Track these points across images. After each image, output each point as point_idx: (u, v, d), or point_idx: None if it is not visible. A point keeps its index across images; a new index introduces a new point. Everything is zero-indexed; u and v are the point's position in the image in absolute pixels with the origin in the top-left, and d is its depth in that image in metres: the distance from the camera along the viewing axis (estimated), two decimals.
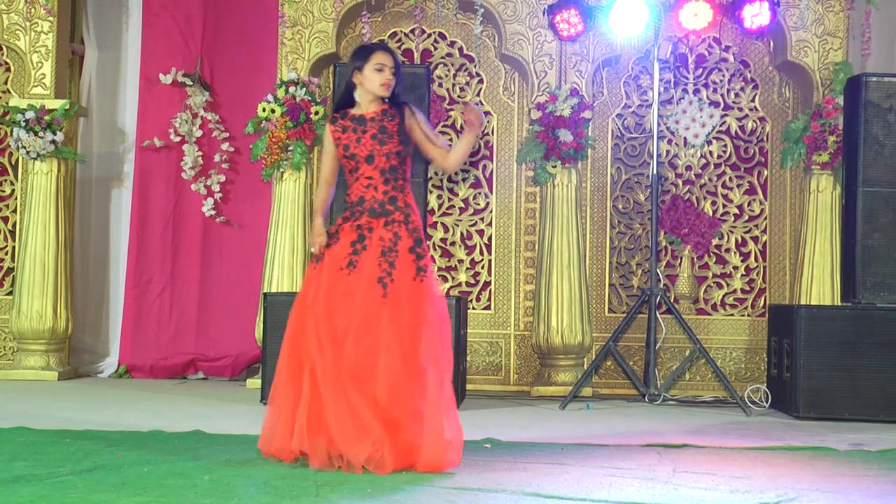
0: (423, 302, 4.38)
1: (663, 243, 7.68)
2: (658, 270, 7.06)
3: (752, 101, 7.76)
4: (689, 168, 7.75)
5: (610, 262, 7.74)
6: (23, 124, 7.49)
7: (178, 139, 7.96)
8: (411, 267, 4.42)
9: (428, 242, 7.49)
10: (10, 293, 7.85)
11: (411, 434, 4.21)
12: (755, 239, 7.74)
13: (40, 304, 7.53)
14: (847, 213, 6.70)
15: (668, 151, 7.73)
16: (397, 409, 4.22)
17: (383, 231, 4.44)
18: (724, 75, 7.76)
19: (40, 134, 7.49)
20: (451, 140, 7.80)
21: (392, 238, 4.44)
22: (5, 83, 7.99)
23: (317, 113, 7.24)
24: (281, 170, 7.33)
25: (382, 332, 4.28)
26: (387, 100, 4.61)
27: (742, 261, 7.74)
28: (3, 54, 7.95)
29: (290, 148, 7.29)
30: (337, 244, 4.47)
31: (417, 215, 4.57)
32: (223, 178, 7.98)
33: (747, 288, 7.73)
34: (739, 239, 7.74)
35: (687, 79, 7.76)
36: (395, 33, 7.84)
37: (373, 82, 4.55)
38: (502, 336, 7.73)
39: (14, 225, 7.96)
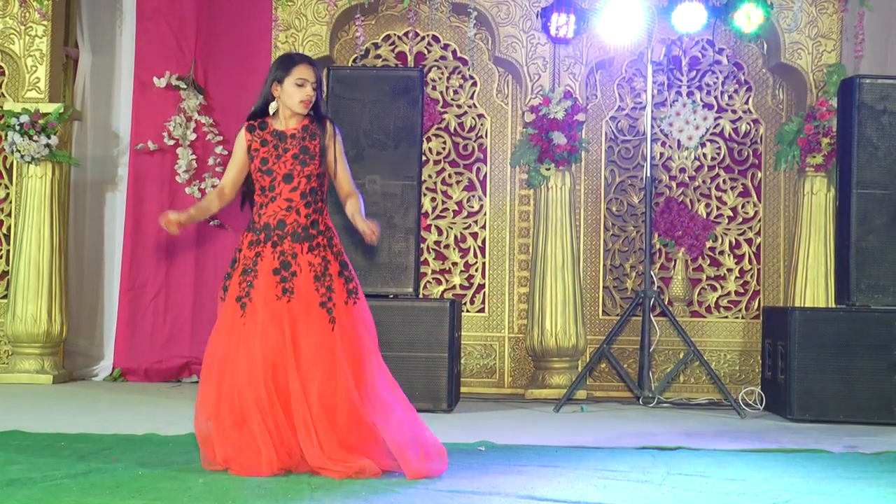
0: (359, 327, 4.27)
1: (657, 246, 7.69)
2: (652, 273, 7.07)
3: (746, 103, 7.77)
4: (682, 170, 7.76)
5: (604, 265, 7.74)
6: (17, 128, 7.48)
7: (171, 143, 7.96)
8: (343, 291, 4.28)
9: (426, 244, 7.51)
10: (5, 296, 7.84)
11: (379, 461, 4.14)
12: (749, 241, 7.75)
13: (35, 307, 7.52)
14: (841, 215, 6.71)
15: (661, 154, 7.74)
16: (356, 437, 4.14)
17: (310, 257, 4.25)
18: (717, 77, 7.78)
19: (35, 137, 7.49)
20: (444, 143, 7.81)
21: (321, 263, 4.26)
22: (0, 87, 8.00)
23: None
24: None
25: (338, 362, 4.16)
26: (309, 113, 4.36)
27: (736, 263, 7.75)
28: None
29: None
30: (256, 276, 4.22)
31: (337, 236, 4.39)
32: (217, 182, 7.98)
33: (741, 290, 7.74)
34: (733, 241, 7.75)
35: (681, 81, 7.77)
36: (388, 36, 7.84)
37: (292, 98, 4.32)
38: (496, 339, 7.73)
39: (8, 228, 7.95)
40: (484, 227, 7.80)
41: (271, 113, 4.42)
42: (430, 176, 7.74)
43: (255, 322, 4.20)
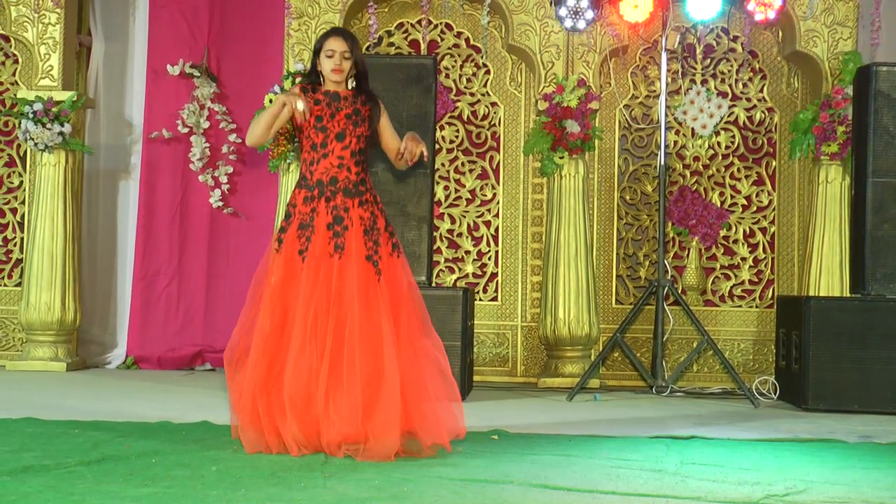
0: (402, 276, 4.49)
1: (671, 234, 7.66)
2: (666, 262, 7.04)
3: (761, 91, 7.74)
4: (696, 159, 7.73)
5: (617, 254, 7.72)
6: (31, 116, 7.49)
7: (185, 131, 7.96)
8: (388, 245, 4.53)
9: (435, 234, 7.50)
10: (19, 285, 7.86)
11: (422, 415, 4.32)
12: (763, 230, 7.72)
13: (48, 295, 7.54)
14: (856, 204, 6.68)
15: (675, 142, 7.71)
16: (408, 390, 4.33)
17: (360, 211, 4.49)
18: (732, 65, 7.74)
19: (48, 125, 7.49)
20: (457, 131, 7.79)
21: (370, 217, 4.51)
22: (13, 75, 8.00)
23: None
24: (288, 161, 7.33)
25: (384, 320, 4.34)
26: (353, 87, 4.62)
27: (750, 252, 7.72)
28: (10, 46, 7.96)
29: (297, 139, 7.27)
30: (312, 232, 4.44)
31: (379, 196, 4.67)
32: (230, 170, 7.99)
33: (755, 279, 7.71)
34: (747, 230, 7.72)
35: (695, 69, 7.74)
36: (401, 24, 7.83)
37: (325, 68, 4.58)
38: (509, 327, 7.72)
39: (22, 216, 7.97)
40: (497, 215, 7.78)
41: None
42: (443, 164, 7.73)
43: (309, 279, 4.38)
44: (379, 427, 4.23)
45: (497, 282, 7.76)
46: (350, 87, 4.64)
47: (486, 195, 7.79)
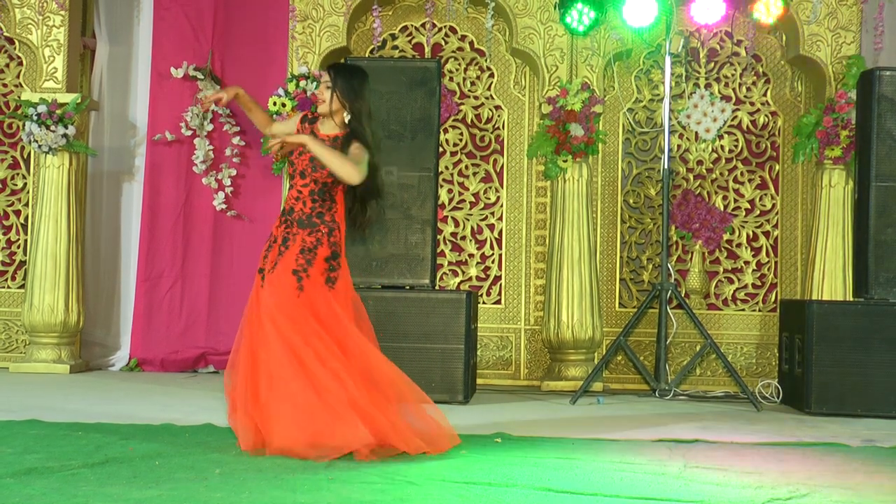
0: (325, 304, 4.58)
1: (674, 238, 7.67)
2: (669, 265, 7.04)
3: (764, 95, 7.74)
4: (700, 163, 7.73)
5: (620, 257, 7.72)
6: (35, 118, 7.50)
7: (188, 133, 7.97)
8: (321, 275, 4.62)
9: (442, 237, 7.51)
10: (22, 286, 7.87)
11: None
12: (766, 234, 7.72)
13: (52, 297, 7.55)
14: (860, 208, 6.68)
15: (679, 146, 7.71)
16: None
17: (305, 234, 4.66)
18: (735, 69, 7.74)
19: (52, 128, 7.50)
20: (461, 134, 7.80)
21: (314, 242, 4.64)
22: (17, 77, 8.02)
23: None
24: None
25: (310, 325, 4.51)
26: (350, 125, 4.71)
27: (753, 256, 7.72)
28: (15, 48, 7.97)
29: None
30: (269, 250, 4.73)
31: (342, 237, 4.73)
32: (234, 172, 7.99)
33: (759, 283, 7.71)
34: (751, 234, 7.72)
35: (698, 73, 7.74)
36: (405, 27, 7.83)
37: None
38: (512, 331, 7.72)
39: (26, 218, 7.98)
40: (500, 218, 7.79)
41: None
42: (446, 167, 7.73)
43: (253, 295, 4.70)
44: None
45: (500, 285, 7.76)
46: (342, 129, 4.74)
47: (489, 198, 7.80)
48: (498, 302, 7.75)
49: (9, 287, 8.00)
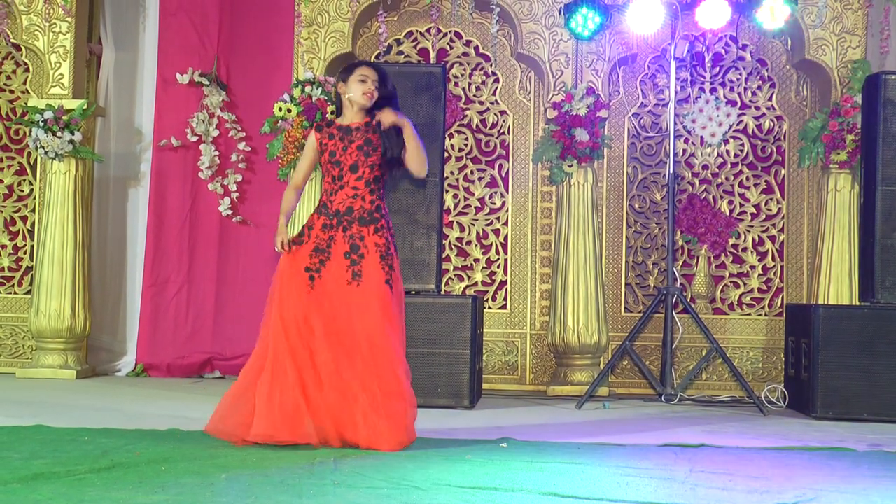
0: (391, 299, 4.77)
1: (680, 242, 7.66)
2: (674, 270, 7.04)
3: (770, 99, 7.74)
4: (705, 167, 7.73)
5: (626, 262, 7.72)
6: (41, 124, 7.52)
7: (194, 139, 7.99)
8: (397, 267, 4.85)
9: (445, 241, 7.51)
10: (29, 292, 7.89)
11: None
12: (772, 238, 7.71)
13: (59, 303, 7.56)
14: (866, 213, 6.67)
15: (684, 150, 7.72)
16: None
17: (376, 238, 4.78)
18: (741, 74, 7.74)
19: (58, 134, 7.53)
20: (466, 139, 7.81)
21: (385, 243, 4.79)
22: (24, 83, 8.04)
23: (332, 112, 7.25)
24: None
25: (390, 335, 4.73)
26: (372, 111, 4.87)
27: (759, 260, 7.71)
28: (22, 55, 8.00)
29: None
30: (328, 258, 4.76)
31: (391, 221, 4.94)
32: (240, 178, 8.01)
33: (764, 287, 7.70)
34: (756, 238, 7.72)
35: (704, 77, 7.74)
36: (410, 32, 7.84)
37: (355, 92, 4.86)
38: (518, 335, 7.73)
39: (32, 224, 8.00)
40: (506, 223, 7.79)
41: (343, 112, 4.95)
42: (452, 172, 7.74)
43: (322, 301, 4.71)
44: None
45: (506, 290, 7.76)
46: (365, 116, 4.88)
47: (495, 203, 7.80)
48: (504, 307, 7.75)
49: (15, 293, 8.02)
